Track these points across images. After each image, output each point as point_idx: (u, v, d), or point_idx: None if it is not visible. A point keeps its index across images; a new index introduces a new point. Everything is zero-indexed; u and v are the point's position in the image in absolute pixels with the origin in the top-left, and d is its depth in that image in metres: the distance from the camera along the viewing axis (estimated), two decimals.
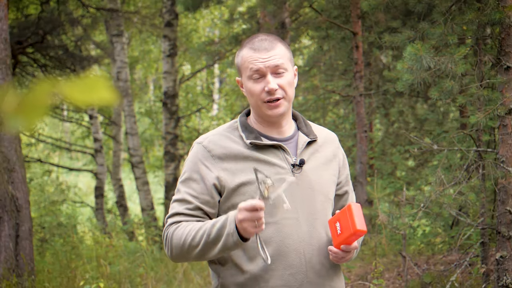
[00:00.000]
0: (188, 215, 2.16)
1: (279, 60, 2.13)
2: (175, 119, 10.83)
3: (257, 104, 2.17)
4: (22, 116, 0.68)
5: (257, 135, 2.19)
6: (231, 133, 2.22)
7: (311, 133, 2.26)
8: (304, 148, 2.22)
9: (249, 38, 2.21)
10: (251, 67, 2.13)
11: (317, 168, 2.22)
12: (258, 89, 2.13)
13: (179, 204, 2.18)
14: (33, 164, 14.89)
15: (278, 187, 2.00)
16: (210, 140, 2.20)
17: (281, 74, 2.14)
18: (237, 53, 2.22)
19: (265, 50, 2.13)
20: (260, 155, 2.16)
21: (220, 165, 2.16)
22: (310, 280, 2.16)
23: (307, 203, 2.17)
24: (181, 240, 2.11)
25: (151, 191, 12.58)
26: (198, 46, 9.32)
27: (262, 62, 2.12)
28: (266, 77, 2.13)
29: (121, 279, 6.58)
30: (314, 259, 2.17)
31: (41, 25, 9.09)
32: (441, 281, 5.58)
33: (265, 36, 2.18)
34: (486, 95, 4.34)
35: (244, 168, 2.15)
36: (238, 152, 2.17)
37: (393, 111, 10.15)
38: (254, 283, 2.15)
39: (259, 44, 2.14)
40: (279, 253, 2.14)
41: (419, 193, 5.20)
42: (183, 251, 2.12)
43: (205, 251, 2.09)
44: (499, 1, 4.22)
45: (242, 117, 2.26)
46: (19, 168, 5.70)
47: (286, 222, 2.14)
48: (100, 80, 0.72)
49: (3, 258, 5.48)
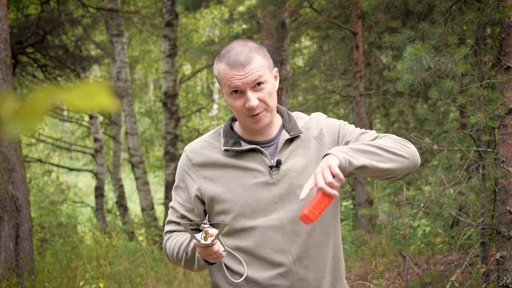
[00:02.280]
0: (177, 223, 2.30)
1: (256, 73, 2.09)
2: (175, 119, 10.83)
3: (239, 118, 2.17)
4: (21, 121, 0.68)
5: (236, 141, 2.20)
6: (215, 139, 2.25)
7: (293, 128, 2.21)
8: (285, 145, 2.20)
9: (226, 49, 2.15)
10: (229, 85, 2.10)
11: (299, 163, 2.18)
12: (239, 104, 2.12)
13: (171, 212, 2.33)
14: (33, 164, 14.89)
15: (215, 230, 2.07)
16: (192, 149, 2.25)
17: (260, 87, 2.10)
18: (214, 63, 2.18)
19: (242, 66, 2.08)
20: (237, 161, 2.18)
21: (201, 173, 2.21)
22: (301, 277, 2.16)
23: (289, 202, 2.16)
24: (170, 251, 2.27)
25: (151, 191, 12.59)
26: (198, 46, 9.31)
27: (240, 80, 2.08)
28: (246, 93, 2.10)
29: (121, 279, 6.58)
30: (302, 254, 2.16)
31: (41, 25, 9.09)
32: (441, 281, 5.58)
33: (240, 48, 2.11)
34: (486, 95, 4.34)
35: (221, 176, 2.18)
36: (216, 159, 2.20)
37: (393, 111, 10.15)
38: (245, 284, 2.18)
39: (235, 58, 2.09)
40: (266, 254, 2.15)
41: (419, 193, 5.21)
42: (174, 261, 2.29)
43: (189, 266, 2.23)
44: (499, 1, 4.22)
45: (227, 122, 2.27)
46: (19, 168, 5.71)
47: (267, 223, 2.15)
48: (100, 85, 0.72)
49: (3, 258, 5.48)
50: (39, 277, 6.44)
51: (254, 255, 2.16)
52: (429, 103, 9.75)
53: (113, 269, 6.82)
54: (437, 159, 8.15)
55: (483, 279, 5.00)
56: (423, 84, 4.43)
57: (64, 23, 9.58)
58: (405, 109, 10.20)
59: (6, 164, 5.62)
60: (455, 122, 8.84)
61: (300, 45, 12.64)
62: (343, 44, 9.45)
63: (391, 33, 5.15)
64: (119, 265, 6.98)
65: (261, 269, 2.16)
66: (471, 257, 5.41)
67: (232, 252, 2.19)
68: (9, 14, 8.57)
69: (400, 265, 6.86)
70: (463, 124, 7.68)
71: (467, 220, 4.94)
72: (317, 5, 8.94)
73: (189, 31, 14.82)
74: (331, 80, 10.23)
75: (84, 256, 7.45)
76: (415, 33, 4.58)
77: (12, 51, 6.81)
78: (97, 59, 10.65)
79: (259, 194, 2.15)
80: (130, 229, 11.00)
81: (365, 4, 4.87)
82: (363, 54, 8.78)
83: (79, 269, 6.73)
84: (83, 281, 5.96)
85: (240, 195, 2.15)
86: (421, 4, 4.67)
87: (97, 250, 7.80)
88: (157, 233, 9.87)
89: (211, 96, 17.37)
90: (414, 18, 7.77)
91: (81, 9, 10.61)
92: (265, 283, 2.16)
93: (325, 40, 9.80)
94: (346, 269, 6.85)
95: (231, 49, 2.13)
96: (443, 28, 4.39)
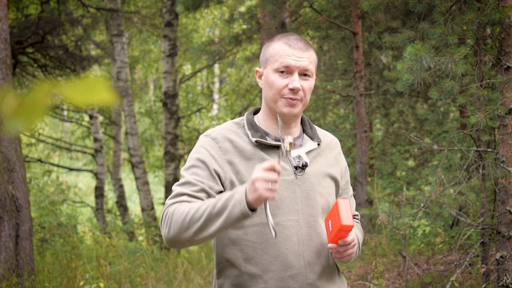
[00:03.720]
0: (193, 196, 2.08)
1: (310, 64, 2.16)
2: (175, 119, 10.83)
3: (274, 98, 2.16)
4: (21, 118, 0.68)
5: (262, 134, 2.19)
6: (239, 129, 2.22)
7: (316, 136, 2.27)
8: (307, 151, 2.23)
9: (282, 34, 2.22)
10: (281, 61, 2.14)
11: (319, 171, 2.23)
12: (282, 83, 2.14)
13: (182, 187, 2.11)
14: (33, 164, 14.89)
15: (299, 147, 2.13)
16: (218, 133, 2.19)
17: (307, 78, 2.17)
18: (266, 44, 2.22)
19: (300, 50, 2.15)
20: (264, 155, 2.16)
21: (226, 157, 2.15)
22: (310, 282, 2.16)
23: (308, 206, 2.18)
24: (183, 214, 2.01)
25: (151, 191, 12.58)
26: (198, 46, 9.31)
27: (295, 60, 2.14)
28: (293, 75, 2.14)
29: (121, 279, 6.57)
30: (314, 261, 2.17)
31: (41, 25, 9.09)
32: (441, 281, 5.58)
33: (300, 38, 2.20)
34: (486, 95, 4.34)
35: (247, 166, 2.14)
36: (243, 148, 2.16)
37: (393, 111, 10.15)
38: (253, 283, 2.15)
39: (295, 42, 2.16)
40: (279, 254, 2.13)
41: (419, 193, 5.20)
42: (182, 227, 2.00)
43: (206, 225, 1.98)
44: (499, 1, 4.22)
45: (249, 115, 2.26)
46: (19, 168, 5.70)
47: (286, 224, 2.14)
48: (100, 81, 0.72)
49: (3, 258, 5.47)
50: (39, 277, 6.44)
51: (268, 252, 2.14)
52: (429, 103, 9.75)
53: (113, 269, 6.82)
54: (437, 159, 8.16)
55: (483, 279, 5.00)
56: (423, 84, 4.43)
57: (64, 23, 9.58)
58: (405, 109, 10.20)
59: (6, 164, 5.62)
60: (455, 122, 8.85)
61: None
62: (343, 44, 9.45)
63: (391, 33, 5.15)
64: (119, 265, 6.98)
65: (272, 268, 2.14)
66: (471, 257, 5.40)
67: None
68: (9, 14, 8.57)
69: (400, 265, 6.86)
70: (463, 124, 7.69)
71: (467, 220, 4.94)
72: (317, 5, 8.94)
73: (189, 31, 14.82)
74: (331, 80, 10.23)
75: (84, 256, 7.45)
76: (415, 33, 4.58)
77: (12, 51, 6.81)
78: (97, 59, 10.65)
79: (283, 192, 2.15)
80: (130, 229, 11.00)
81: (365, 4, 4.87)
82: (363, 54, 8.78)
83: (79, 269, 6.73)
84: (83, 281, 5.96)
85: None
86: (421, 4, 4.67)
87: (97, 250, 7.80)
88: (157, 233, 9.87)
89: (211, 96, 17.37)
90: (414, 18, 7.78)
91: (81, 9, 10.60)
92: (275, 284, 2.14)
93: (325, 40, 9.80)
94: (346, 269, 6.85)
95: (290, 34, 2.21)
96: (443, 28, 4.39)
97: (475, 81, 4.61)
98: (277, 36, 2.22)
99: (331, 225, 2.11)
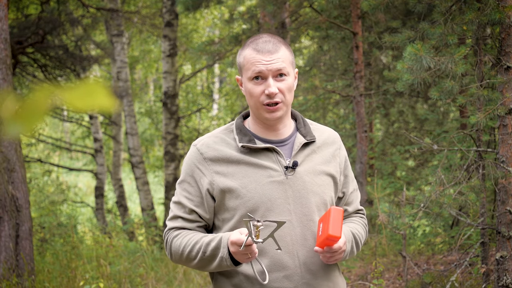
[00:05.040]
0: (185, 219, 2.23)
1: (282, 64, 2.13)
2: (175, 119, 10.83)
3: (255, 106, 2.16)
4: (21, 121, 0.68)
5: (251, 138, 2.19)
6: (226, 136, 2.23)
7: (309, 134, 2.25)
8: (300, 149, 2.21)
9: (253, 37, 2.20)
10: (253, 69, 2.12)
11: (312, 169, 2.21)
12: (258, 91, 2.13)
13: (176, 207, 2.25)
14: (33, 164, 14.89)
15: (268, 229, 2.06)
16: (203, 143, 2.22)
17: (282, 78, 2.14)
18: (239, 52, 2.21)
19: (269, 53, 2.12)
20: (252, 159, 2.17)
21: (212, 168, 2.17)
22: (306, 281, 2.16)
23: (301, 205, 2.17)
24: (180, 249, 2.20)
25: (151, 191, 12.58)
26: (198, 46, 9.30)
27: (265, 65, 2.11)
28: (267, 80, 2.12)
29: (121, 279, 6.57)
30: (308, 260, 2.17)
31: (41, 25, 9.08)
32: (441, 281, 5.58)
33: (269, 38, 2.16)
34: (486, 95, 4.34)
35: (235, 171, 2.16)
36: (230, 155, 2.17)
37: (393, 111, 10.15)
38: (249, 284, 2.16)
39: (263, 45, 2.13)
40: (273, 255, 2.14)
41: (419, 193, 5.20)
42: (182, 260, 2.21)
43: (202, 266, 2.17)
44: (499, 1, 4.22)
45: (238, 119, 2.27)
46: (19, 168, 5.70)
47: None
48: (99, 85, 0.72)
49: (3, 258, 5.47)
50: (39, 277, 6.44)
51: (262, 253, 2.15)
52: (429, 103, 9.75)
53: (113, 269, 6.82)
54: (437, 159, 8.16)
55: (483, 279, 5.00)
56: (423, 84, 4.43)
57: (64, 23, 9.58)
58: (405, 109, 10.20)
59: (6, 164, 5.62)
60: (455, 122, 8.84)
61: (300, 45, 12.63)
62: (343, 44, 9.45)
63: (391, 33, 5.14)
64: (119, 265, 6.98)
65: (267, 268, 2.15)
66: (471, 257, 5.40)
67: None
68: (9, 14, 8.57)
69: (400, 265, 6.86)
70: (463, 124, 7.68)
71: (467, 220, 4.94)
72: (317, 5, 8.94)
73: (189, 31, 14.82)
74: (331, 80, 10.23)
75: (84, 256, 7.44)
76: (415, 33, 4.58)
77: (12, 51, 6.81)
78: (97, 59, 10.65)
79: (274, 193, 2.15)
80: (130, 229, 11.00)
81: (365, 4, 4.87)
82: (363, 54, 8.78)
83: (79, 269, 6.72)
84: (83, 281, 5.96)
85: (254, 192, 2.14)
86: (421, 4, 4.67)
87: (97, 250, 7.80)
88: (157, 233, 9.87)
89: (211, 96, 17.36)
90: (414, 18, 7.77)
91: (81, 9, 10.60)
92: (270, 285, 2.15)
93: (325, 40, 9.80)
94: (346, 269, 6.85)
95: (259, 37, 2.17)
96: (443, 28, 4.39)
97: (475, 81, 4.61)
98: (247, 42, 2.19)
99: (322, 229, 2.11)
